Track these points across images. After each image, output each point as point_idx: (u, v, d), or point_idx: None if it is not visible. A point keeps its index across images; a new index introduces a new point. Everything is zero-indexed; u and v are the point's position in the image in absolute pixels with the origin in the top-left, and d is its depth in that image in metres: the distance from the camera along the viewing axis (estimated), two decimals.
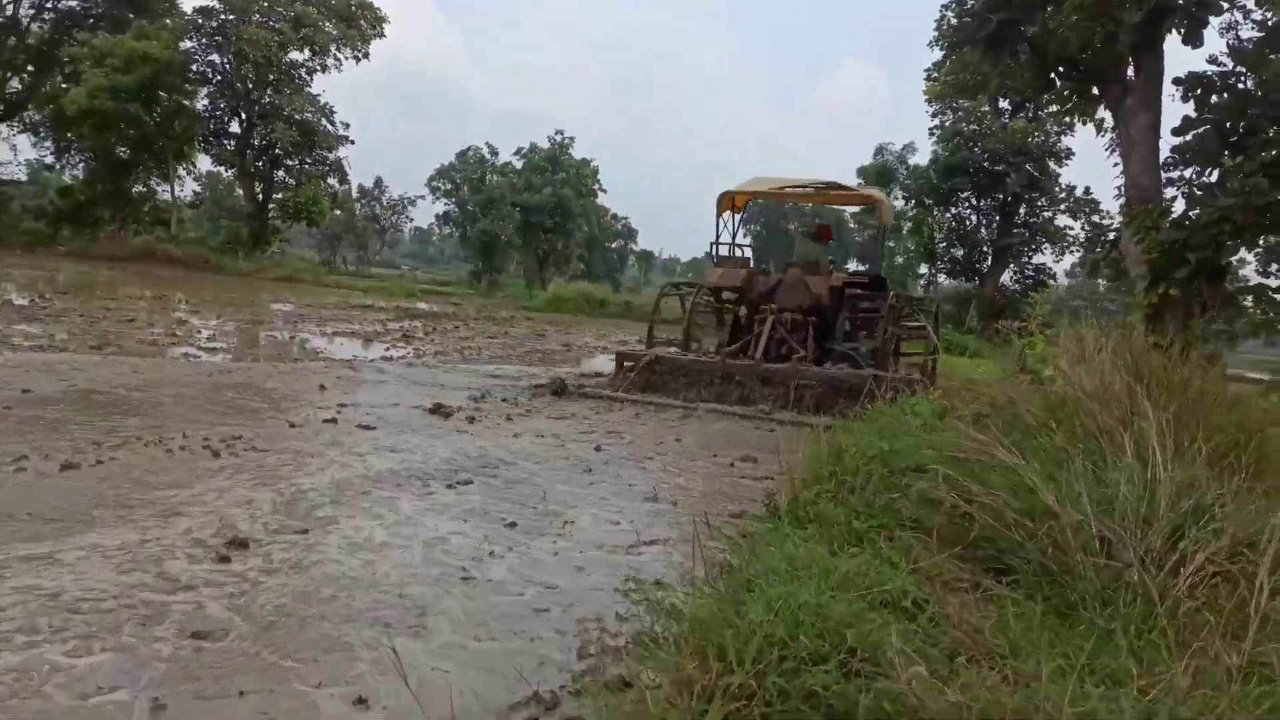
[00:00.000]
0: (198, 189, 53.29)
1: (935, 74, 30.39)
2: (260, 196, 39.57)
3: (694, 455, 7.34)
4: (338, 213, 52.31)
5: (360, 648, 3.10)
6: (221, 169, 43.63)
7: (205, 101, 38.22)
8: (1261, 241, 11.22)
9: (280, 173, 39.64)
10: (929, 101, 30.88)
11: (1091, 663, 2.48)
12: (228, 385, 8.29)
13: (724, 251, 12.91)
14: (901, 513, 4.14)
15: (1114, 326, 8.09)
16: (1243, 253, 10.86)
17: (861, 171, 36.29)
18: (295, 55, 38.40)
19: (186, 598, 3.38)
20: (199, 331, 12.77)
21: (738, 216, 13.64)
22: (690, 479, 6.39)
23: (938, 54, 30.69)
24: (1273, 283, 18.87)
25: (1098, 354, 5.89)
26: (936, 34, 29.77)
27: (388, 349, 13.07)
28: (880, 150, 37.18)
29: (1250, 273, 15.62)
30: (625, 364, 11.29)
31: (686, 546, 4.67)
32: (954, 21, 27.59)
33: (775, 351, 11.37)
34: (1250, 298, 16.44)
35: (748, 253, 13.74)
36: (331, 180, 40.79)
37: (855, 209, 33.12)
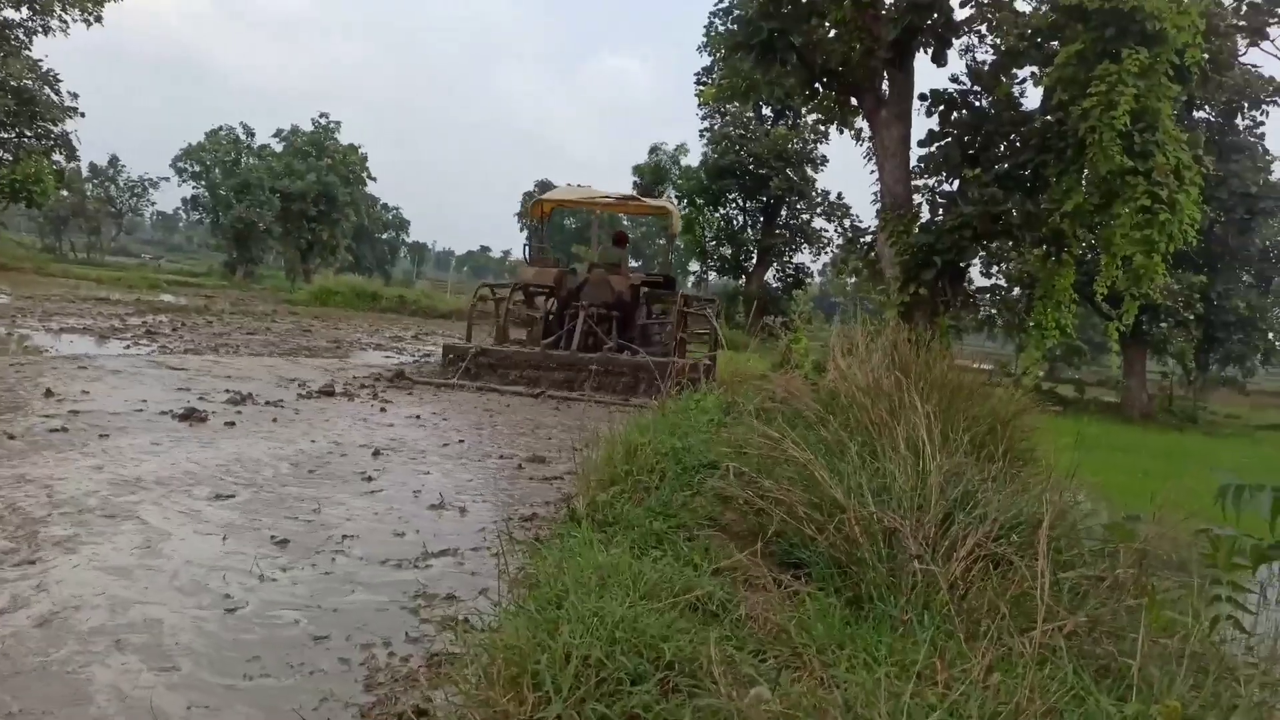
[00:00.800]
0: None
1: (706, 78, 31.72)
2: None
3: (482, 456, 7.09)
4: (64, 193, 46.82)
5: (107, 696, 2.66)
6: None
7: None
8: (985, 247, 12.49)
9: None
10: (701, 104, 32.14)
11: (893, 656, 2.55)
12: None
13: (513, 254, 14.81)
14: (698, 511, 4.16)
15: (870, 323, 8.69)
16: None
17: (637, 169, 37.11)
18: (10, 14, 33.82)
19: None
20: None
21: (546, 221, 15.46)
22: (477, 481, 6.15)
23: (705, 59, 32.12)
24: (989, 283, 21.15)
25: (866, 350, 6.25)
26: (705, 39, 31.07)
27: (128, 346, 11.74)
28: (654, 150, 38.18)
29: (974, 274, 17.42)
30: (450, 355, 12.39)
31: (479, 556, 4.46)
32: (721, 28, 28.89)
33: (584, 343, 12.72)
34: (987, 296, 18.38)
35: (522, 254, 15.82)
36: (57, 156, 36.31)
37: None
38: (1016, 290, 19.77)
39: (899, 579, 3.34)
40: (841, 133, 13.26)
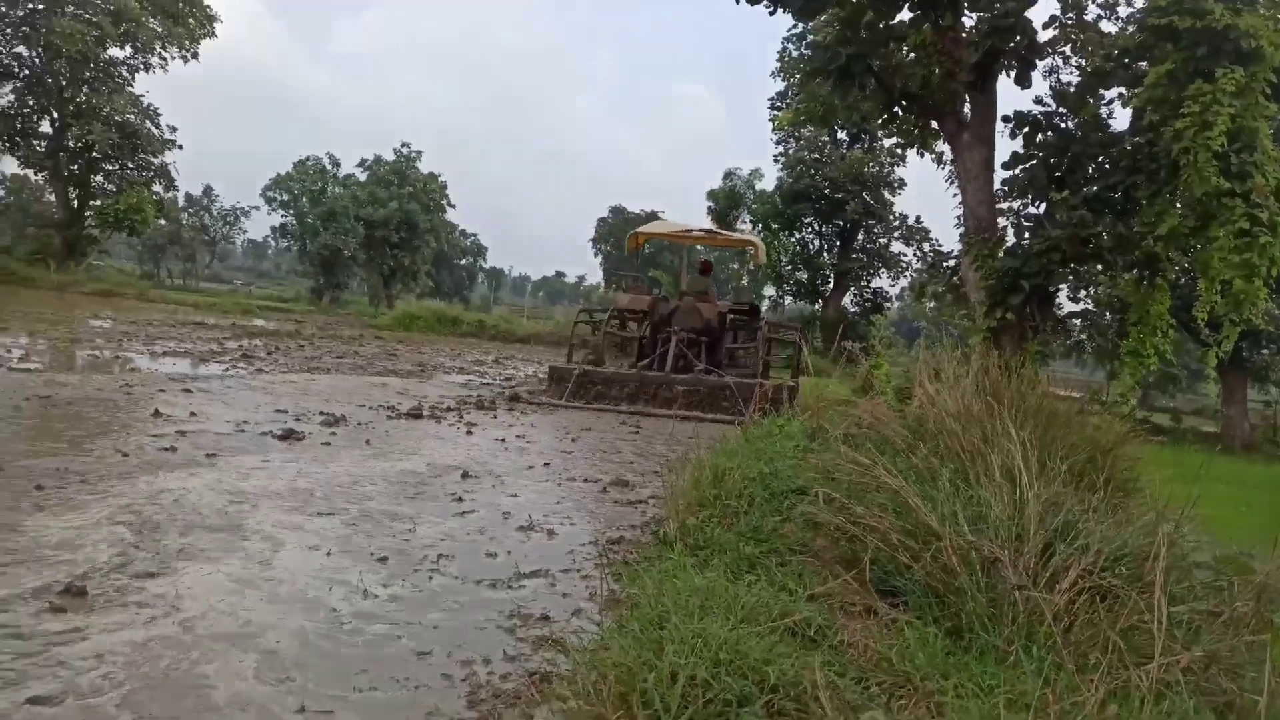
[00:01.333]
0: (1, 193, 48.71)
1: (780, 104, 31.73)
2: (75, 203, 36.53)
3: (566, 479, 7.18)
4: (162, 222, 49.07)
5: (227, 706, 2.78)
6: (29, 172, 40.03)
7: (10, 98, 34.99)
8: (1074, 271, 12.18)
9: (98, 178, 36.75)
10: (776, 129, 32.12)
11: (998, 685, 2.51)
12: (45, 411, 7.49)
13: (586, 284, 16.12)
14: (789, 537, 4.15)
15: (953, 348, 8.54)
16: None
17: (712, 195, 37.17)
18: (115, 52, 35.81)
19: (20, 650, 2.95)
20: (8, 351, 11.55)
21: (639, 252, 16.90)
22: (563, 504, 6.23)
23: (779, 84, 32.15)
24: (1079, 308, 20.56)
25: (955, 376, 6.15)
26: (779, 65, 31.13)
27: (226, 369, 12.24)
28: (729, 175, 38.23)
29: (1062, 299, 16.98)
30: (555, 376, 13.47)
31: (569, 578, 4.52)
32: (795, 53, 28.92)
33: (675, 365, 13.70)
34: (1077, 322, 17.89)
35: (601, 280, 17.43)
36: (156, 187, 38.15)
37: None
38: (1108, 315, 19.18)
39: (999, 609, 3.28)
40: (921, 156, 13.16)
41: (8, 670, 2.87)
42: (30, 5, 33.56)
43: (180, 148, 37.95)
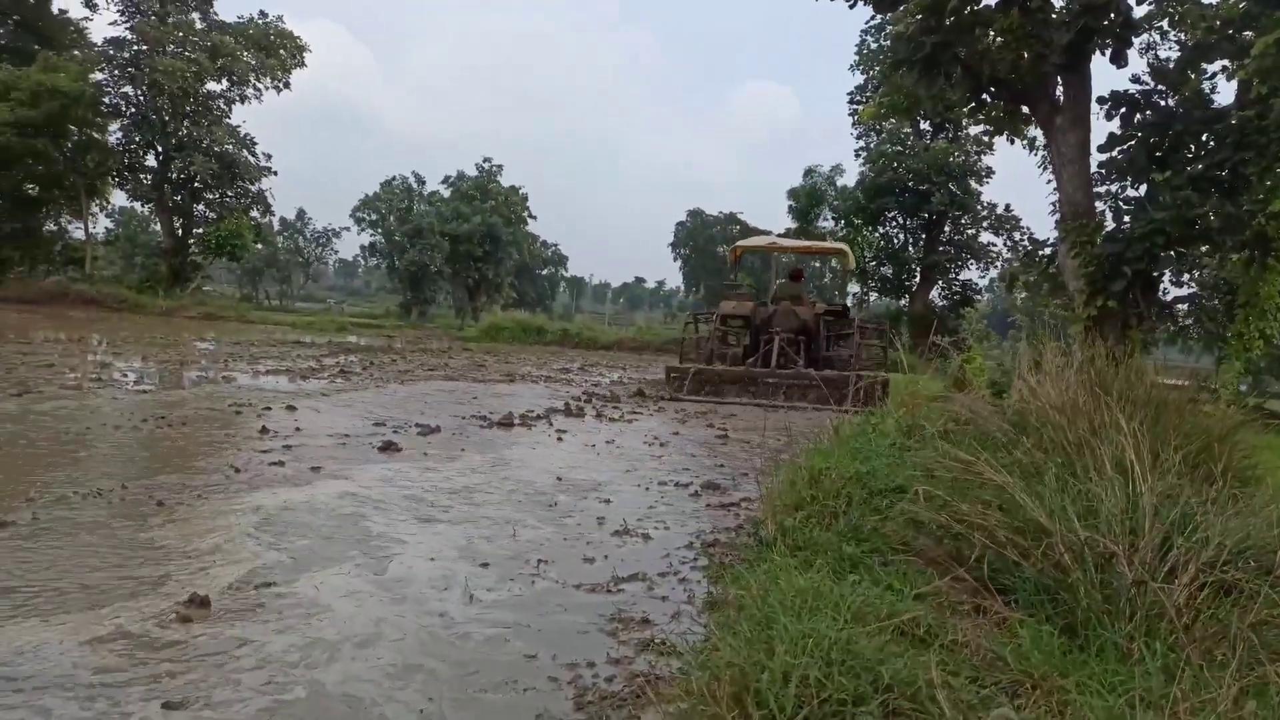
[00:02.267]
0: (111, 226, 51.48)
1: (860, 98, 31.23)
2: (180, 231, 38.34)
3: (658, 483, 7.21)
4: (260, 246, 51.09)
5: (348, 709, 2.89)
6: (137, 204, 42.19)
7: (119, 135, 36.94)
8: (1179, 254, 11.65)
9: (200, 206, 38.49)
10: (858, 123, 31.64)
11: (1122, 682, 2.43)
12: (161, 432, 7.89)
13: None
14: (890, 536, 4.09)
15: (1050, 338, 8.26)
16: None
17: (792, 193, 36.81)
18: (213, 86, 37.48)
19: (155, 658, 3.12)
20: (123, 375, 12.19)
21: (738, 263, 19.07)
22: (657, 509, 6.26)
23: (858, 78, 31.65)
24: (1185, 292, 19.66)
25: (1057, 367, 5.96)
26: (857, 58, 30.66)
27: (326, 385, 12.67)
28: (809, 172, 37.82)
29: (1165, 284, 16.25)
30: (672, 375, 15.17)
31: (666, 582, 4.55)
32: (874, 45, 28.42)
33: (778, 363, 15.47)
34: (1184, 306, 17.13)
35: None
36: (254, 213, 39.75)
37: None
38: (1215, 299, 18.29)
39: (1116, 605, 3.17)
40: (1012, 143, 12.77)
41: (139, 679, 3.03)
42: (134, 47, 35.39)
43: (275, 174, 39.50)
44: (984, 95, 11.46)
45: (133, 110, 36.66)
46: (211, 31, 36.51)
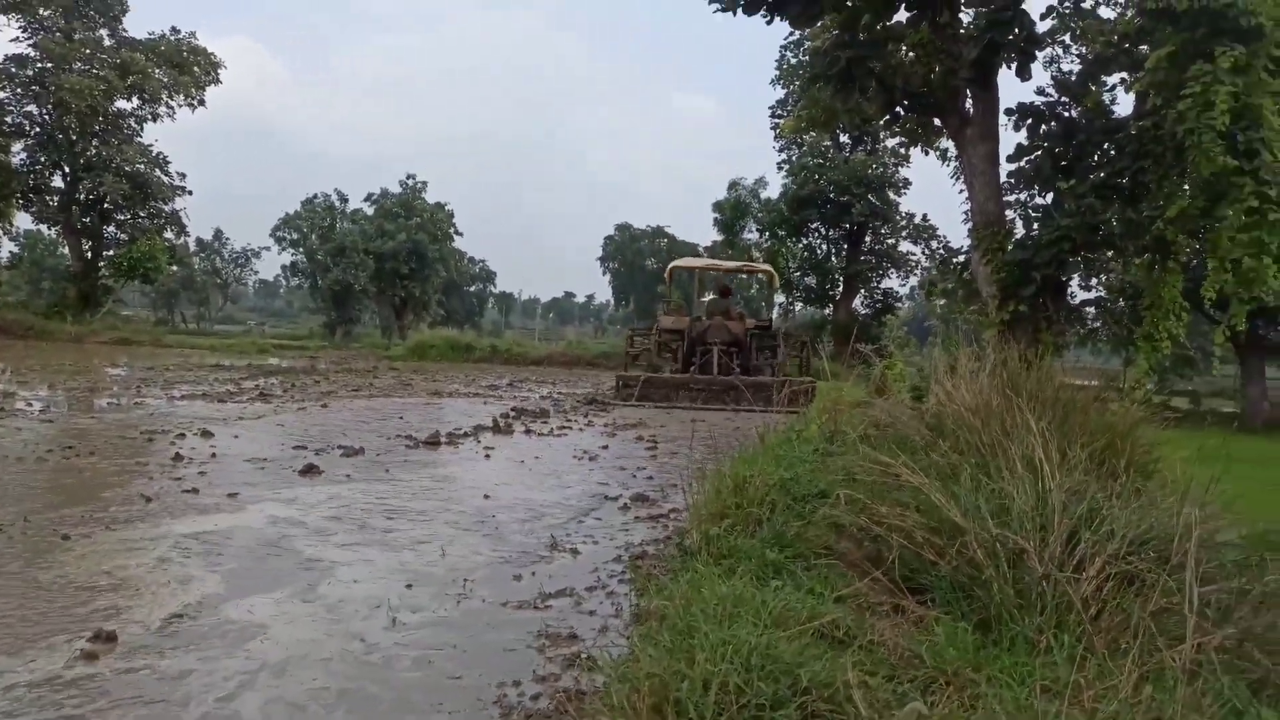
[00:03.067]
0: (15, 249, 49.35)
1: (781, 111, 31.79)
2: (89, 254, 36.96)
3: (587, 497, 7.20)
4: (175, 269, 49.56)
5: None
6: (43, 227, 40.57)
7: (23, 155, 35.50)
8: (1085, 259, 12.13)
9: (111, 228, 37.19)
10: (779, 136, 32.20)
11: (1031, 674, 2.50)
12: (68, 463, 7.57)
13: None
14: (812, 540, 4.15)
15: (966, 344, 8.51)
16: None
17: (718, 205, 37.25)
18: (123, 104, 36.31)
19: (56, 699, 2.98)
20: (29, 404, 11.67)
21: (673, 281, 22.60)
22: (586, 522, 6.25)
23: (779, 92, 32.24)
24: (1092, 296, 20.44)
25: (972, 372, 6.14)
26: (778, 73, 31.22)
27: (244, 409, 12.32)
28: (734, 185, 38.31)
29: (1075, 288, 16.88)
30: (621, 383, 17.19)
31: (594, 596, 4.53)
32: (793, 59, 28.96)
33: (718, 371, 17.78)
34: (1093, 310, 17.78)
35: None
36: (169, 234, 38.55)
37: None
38: (1121, 301, 19.05)
39: (1027, 599, 3.27)
40: (926, 154, 13.15)
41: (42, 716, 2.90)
42: (39, 64, 34.07)
43: (190, 193, 38.42)
44: (898, 109, 11.78)
45: (37, 129, 35.29)
46: (121, 48, 35.38)
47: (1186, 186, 9.38)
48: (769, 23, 11.47)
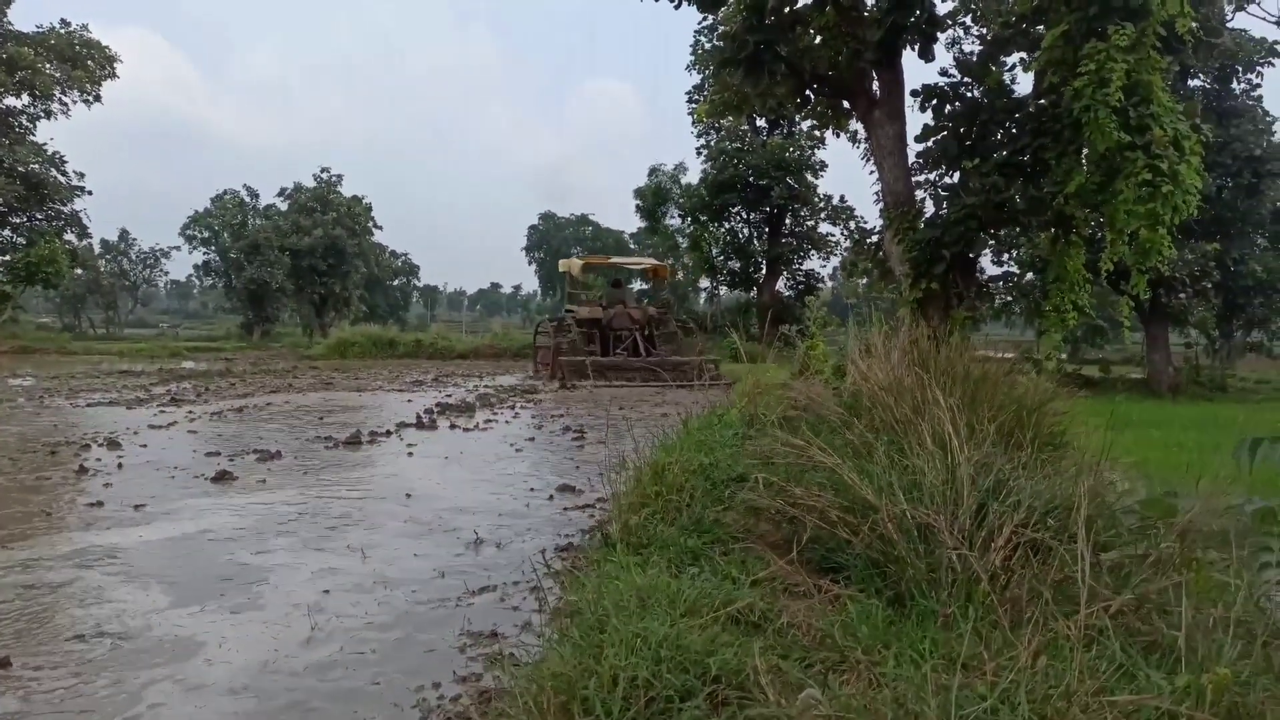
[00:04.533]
0: None
1: (697, 96, 31.87)
2: None
3: (511, 489, 7.13)
4: (79, 272, 47.49)
5: None
6: None
7: None
8: (992, 236, 12.45)
9: (6, 231, 35.43)
10: (696, 122, 32.28)
11: (938, 651, 2.54)
12: None
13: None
14: (731, 525, 4.17)
15: (885, 323, 8.67)
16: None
17: (639, 192, 37.22)
18: (12, 101, 34.54)
19: None
20: None
21: (573, 278, 25.34)
22: (512, 516, 6.19)
23: (695, 77, 32.34)
24: (1001, 271, 21.02)
25: (885, 350, 6.25)
26: (693, 58, 31.28)
27: (155, 416, 11.88)
28: (654, 171, 38.32)
29: (986, 264, 17.31)
30: (561, 368, 19.45)
31: (519, 591, 4.49)
32: (708, 45, 29.02)
33: (637, 353, 20.90)
34: (1001, 285, 18.24)
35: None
36: (69, 236, 36.87)
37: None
38: (1030, 276, 19.61)
39: (938, 574, 3.33)
40: (838, 136, 13.29)
41: None
42: None
43: (90, 193, 36.77)
44: (808, 91, 11.89)
45: None
46: (7, 43, 33.58)
47: (1084, 162, 9.67)
48: (676, 7, 11.47)
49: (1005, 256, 21.21)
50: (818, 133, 28.86)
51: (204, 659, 3.53)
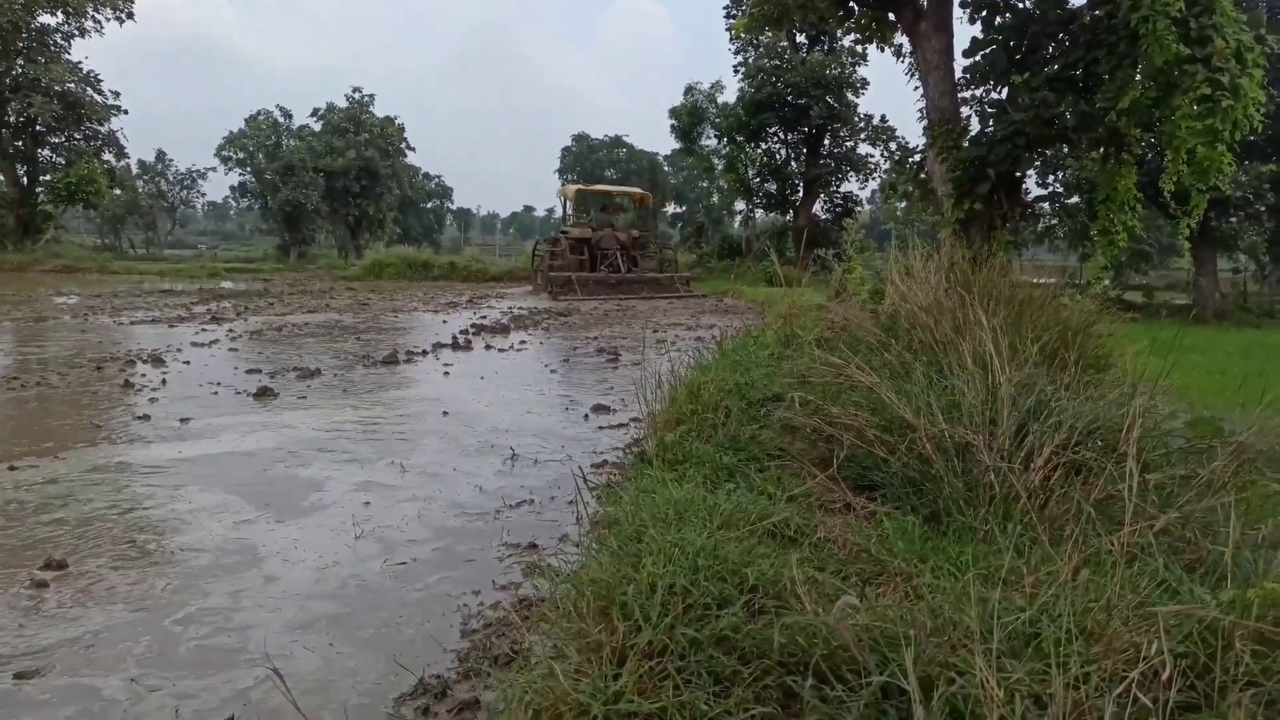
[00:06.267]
0: None
1: (735, 11, 30.94)
2: (25, 180, 35.53)
3: (546, 408, 7.19)
4: (118, 192, 47.80)
5: (248, 663, 2.79)
6: None
7: None
8: (1040, 154, 12.08)
9: (46, 151, 35.71)
10: (734, 38, 31.42)
11: (976, 565, 2.54)
12: (14, 395, 7.38)
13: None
14: (766, 443, 4.16)
15: (924, 246, 8.48)
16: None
17: (674, 112, 36.45)
18: (47, 19, 34.43)
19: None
20: None
21: (569, 202, 28.64)
22: (546, 434, 6.24)
23: None
24: (1048, 192, 20.47)
25: (925, 271, 6.13)
26: None
27: (197, 334, 12.08)
28: (690, 90, 37.42)
29: (1031, 184, 16.84)
30: (554, 282, 22.52)
31: (554, 505, 4.56)
32: None
33: (624, 270, 23.95)
34: (1046, 206, 17.77)
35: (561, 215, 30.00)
36: (107, 156, 37.08)
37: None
38: (1076, 198, 19.08)
39: (976, 492, 3.31)
40: (882, 51, 12.85)
41: None
42: None
43: (125, 112, 36.87)
44: (851, 3, 11.48)
45: None
46: None
47: (1139, 76, 9.27)
48: None
49: (1050, 178, 20.64)
50: (860, 48, 27.98)
51: (255, 569, 3.63)
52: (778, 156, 33.84)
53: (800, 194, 33.82)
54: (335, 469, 5.16)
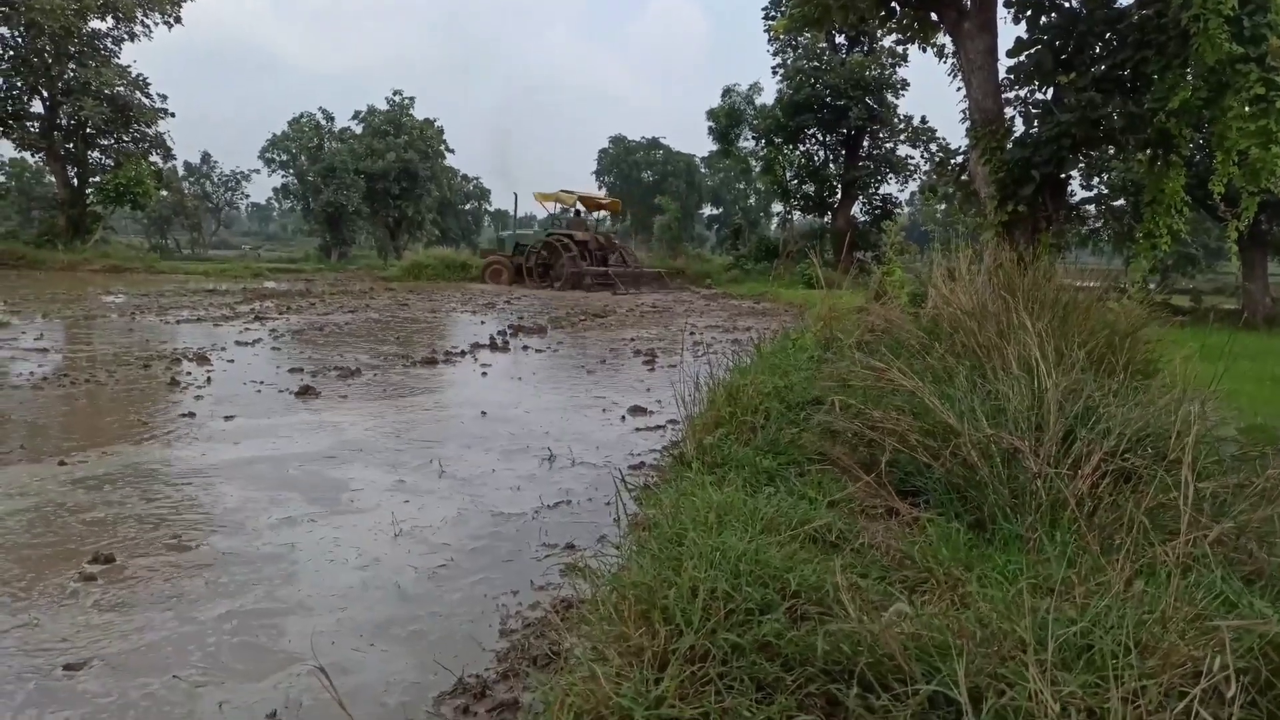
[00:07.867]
0: (2, 178, 48.53)
1: (774, 12, 30.77)
2: (75, 181, 36.29)
3: (582, 409, 7.19)
4: (165, 194, 48.69)
5: (293, 657, 2.82)
6: (26, 154, 39.68)
7: None
8: (1085, 155, 11.86)
9: (95, 153, 36.43)
10: (773, 38, 31.25)
11: (1022, 572, 2.48)
12: (64, 391, 7.54)
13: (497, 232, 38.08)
14: (806, 447, 4.12)
15: (966, 248, 8.36)
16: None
17: (712, 114, 36.36)
18: (98, 24, 35.13)
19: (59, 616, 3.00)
20: (23, 333, 11.60)
21: (550, 205, 31.76)
22: (583, 435, 6.25)
23: None
24: (1093, 194, 20.10)
25: (969, 274, 6.04)
26: None
27: (241, 333, 12.25)
28: (728, 91, 37.32)
29: (1075, 186, 16.54)
30: (562, 275, 27.18)
31: (592, 506, 4.55)
32: None
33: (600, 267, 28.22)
34: (1091, 208, 17.45)
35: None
36: (154, 158, 37.75)
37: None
38: (1122, 199, 18.70)
39: (1022, 499, 3.25)
40: (924, 51, 12.69)
41: (36, 644, 2.92)
42: None
43: (173, 115, 37.49)
44: (893, 3, 11.36)
45: (11, 53, 34.24)
46: None
47: (1189, 76, 9.06)
48: None
49: (1095, 180, 20.27)
50: (901, 49, 27.72)
51: (296, 568, 3.67)
52: (816, 158, 33.63)
53: (838, 196, 33.56)
54: (374, 469, 5.20)
